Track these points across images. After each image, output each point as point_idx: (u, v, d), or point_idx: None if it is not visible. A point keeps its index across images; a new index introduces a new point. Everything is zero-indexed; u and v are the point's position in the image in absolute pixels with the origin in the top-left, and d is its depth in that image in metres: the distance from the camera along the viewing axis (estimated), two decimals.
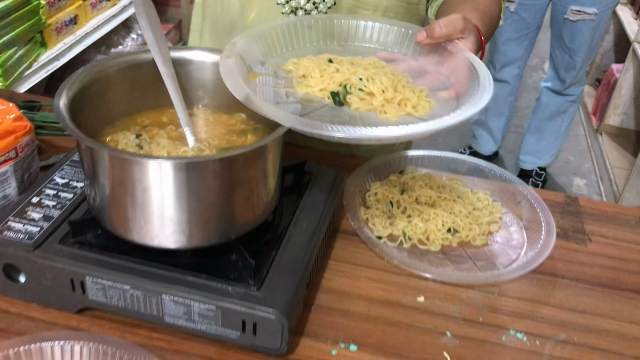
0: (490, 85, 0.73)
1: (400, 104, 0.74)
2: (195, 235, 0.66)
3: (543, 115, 2.45)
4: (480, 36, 0.84)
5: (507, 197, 0.97)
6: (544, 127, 2.46)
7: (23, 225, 0.71)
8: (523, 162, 2.60)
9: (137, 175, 0.61)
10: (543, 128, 2.47)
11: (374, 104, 0.73)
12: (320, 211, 0.79)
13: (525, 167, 2.60)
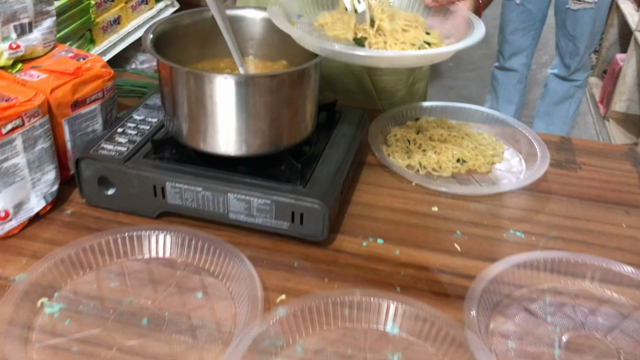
0: (482, 29, 0.89)
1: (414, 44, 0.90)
2: (252, 144, 0.84)
3: (551, 101, 2.61)
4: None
5: (509, 136, 1.13)
6: (552, 111, 2.61)
7: (113, 146, 0.89)
8: None
9: (207, 90, 0.78)
10: (552, 113, 2.62)
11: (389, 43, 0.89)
12: (350, 138, 0.96)
13: None
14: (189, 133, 0.85)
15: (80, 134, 0.93)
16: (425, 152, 1.06)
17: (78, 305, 0.76)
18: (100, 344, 0.71)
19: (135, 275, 0.80)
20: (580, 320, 0.77)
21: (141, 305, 0.76)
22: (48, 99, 0.86)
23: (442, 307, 0.77)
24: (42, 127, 0.85)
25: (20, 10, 0.90)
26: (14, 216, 0.85)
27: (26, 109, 0.82)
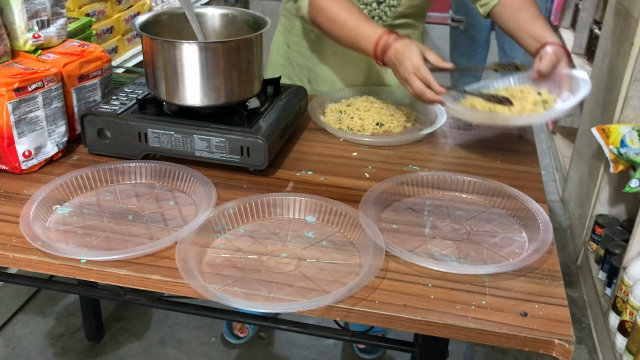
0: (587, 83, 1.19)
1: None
2: (211, 97, 1.14)
3: None
4: (562, 47, 1.25)
5: (426, 111, 1.42)
6: None
7: (109, 107, 1.19)
8: None
9: (177, 54, 1.09)
10: None
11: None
12: (289, 102, 1.26)
13: None
14: (166, 90, 1.15)
15: (84, 101, 1.24)
16: (353, 119, 1.36)
17: (82, 209, 1.04)
18: (97, 229, 0.99)
19: (124, 192, 1.09)
20: (448, 213, 1.06)
21: (127, 209, 1.05)
22: (61, 71, 1.17)
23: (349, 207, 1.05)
24: (56, 90, 1.15)
25: (41, 10, 1.22)
26: (35, 156, 1.14)
27: (45, 75, 1.12)
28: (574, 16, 3.34)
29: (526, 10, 1.36)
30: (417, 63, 1.17)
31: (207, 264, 0.92)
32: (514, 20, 1.38)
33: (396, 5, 1.42)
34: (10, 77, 1.09)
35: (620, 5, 2.19)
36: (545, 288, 0.89)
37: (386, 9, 1.42)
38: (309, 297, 0.85)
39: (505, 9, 1.39)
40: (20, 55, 1.21)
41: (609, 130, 2.02)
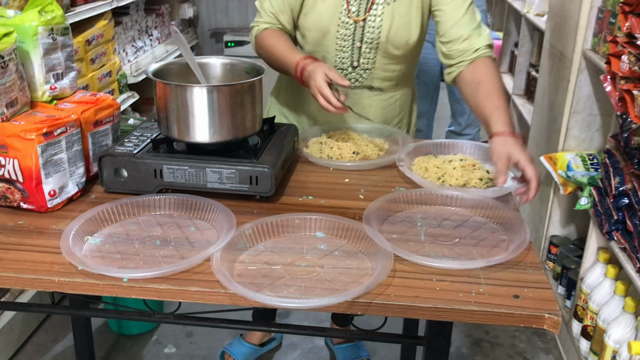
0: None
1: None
2: (220, 134, 1.27)
3: None
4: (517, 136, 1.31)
5: (393, 140, 1.60)
6: None
7: (124, 148, 1.30)
8: None
9: (189, 96, 1.23)
10: None
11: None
12: (286, 138, 1.41)
13: None
14: (178, 129, 1.28)
15: (98, 145, 1.35)
16: (332, 148, 1.51)
17: (112, 238, 1.15)
18: (130, 254, 1.09)
19: (146, 222, 1.20)
20: (439, 223, 1.22)
21: (154, 235, 1.16)
22: (79, 117, 1.28)
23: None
24: (77, 135, 1.26)
25: (57, 64, 1.34)
26: (58, 195, 1.24)
27: (68, 121, 1.24)
28: (511, 61, 3.67)
29: (483, 87, 1.43)
30: (319, 83, 1.37)
31: (238, 276, 1.04)
32: (471, 97, 1.47)
33: (370, 69, 1.60)
34: (39, 123, 1.19)
35: (554, 49, 2.47)
36: (530, 276, 1.05)
37: (361, 72, 1.60)
38: (333, 295, 0.98)
39: (466, 83, 1.49)
40: (39, 105, 1.31)
41: (556, 157, 2.25)
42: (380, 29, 1.54)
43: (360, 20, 1.54)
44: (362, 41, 1.56)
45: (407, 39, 1.56)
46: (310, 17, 1.56)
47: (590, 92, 2.21)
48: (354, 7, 1.54)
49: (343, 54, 1.58)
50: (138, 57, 3.25)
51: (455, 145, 1.54)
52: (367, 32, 1.55)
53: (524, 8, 3.17)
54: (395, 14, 1.53)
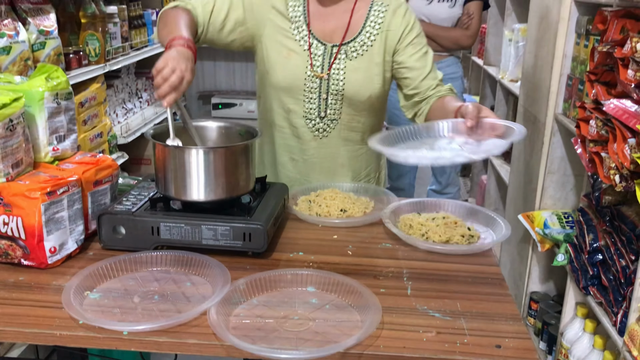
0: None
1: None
2: (215, 192, 1.34)
3: None
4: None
5: (379, 200, 1.68)
6: None
7: (123, 207, 1.36)
8: None
9: (186, 158, 1.30)
10: None
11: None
12: (277, 196, 1.48)
13: None
14: (175, 188, 1.34)
15: (97, 203, 1.40)
16: (320, 206, 1.59)
17: (111, 293, 1.19)
18: (129, 308, 1.14)
19: (144, 278, 1.25)
20: (424, 277, 1.28)
21: (151, 290, 1.20)
22: (81, 177, 1.34)
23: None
24: (78, 194, 1.32)
25: (60, 127, 1.41)
26: (58, 252, 1.28)
27: (70, 181, 1.30)
28: None
29: (448, 102, 1.59)
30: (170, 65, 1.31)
31: (233, 329, 1.08)
32: (439, 112, 1.59)
33: (337, 119, 1.70)
34: (42, 182, 1.25)
35: (528, 113, 2.61)
36: (511, 327, 1.11)
37: (328, 122, 1.71)
38: (325, 347, 1.03)
39: (435, 110, 1.64)
40: (42, 166, 1.38)
41: (533, 216, 2.35)
42: (344, 81, 1.66)
43: (323, 75, 1.66)
44: (327, 93, 1.68)
45: (369, 92, 1.68)
46: (279, 74, 1.67)
47: (564, 154, 2.33)
48: (317, 63, 1.66)
49: (310, 105, 1.69)
50: (128, 119, 3.34)
51: (438, 204, 1.62)
52: (332, 85, 1.67)
53: (499, 74, 3.34)
54: (356, 69, 1.66)
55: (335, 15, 1.67)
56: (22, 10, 2.31)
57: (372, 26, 1.67)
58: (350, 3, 1.68)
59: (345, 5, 1.67)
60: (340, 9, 1.67)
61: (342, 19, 1.67)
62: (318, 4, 1.68)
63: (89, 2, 2.82)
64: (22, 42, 2.22)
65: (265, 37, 1.67)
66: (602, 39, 1.74)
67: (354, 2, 1.68)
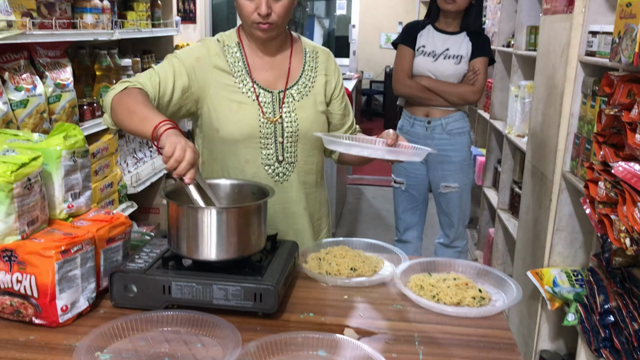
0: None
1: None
2: (228, 252, 1.35)
3: None
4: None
5: (389, 258, 1.68)
6: None
7: (135, 265, 1.37)
8: None
9: (200, 217, 1.32)
10: None
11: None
12: (287, 255, 1.49)
13: None
14: (187, 247, 1.35)
15: (109, 261, 1.41)
16: (331, 265, 1.59)
17: (121, 354, 1.18)
18: None
19: (154, 338, 1.24)
20: (435, 341, 1.27)
21: (162, 352, 1.20)
22: (94, 235, 1.36)
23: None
24: (91, 252, 1.33)
25: (75, 184, 1.43)
26: (70, 310, 1.28)
27: (84, 239, 1.31)
28: (495, 177, 3.84)
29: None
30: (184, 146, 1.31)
31: None
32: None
33: (294, 162, 1.75)
34: (57, 241, 1.27)
35: (536, 169, 2.63)
36: None
37: (287, 165, 1.75)
38: None
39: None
40: (56, 223, 1.39)
41: (542, 273, 2.34)
42: (297, 121, 1.74)
43: (276, 120, 1.72)
44: (283, 136, 1.73)
45: (320, 128, 1.79)
46: (232, 127, 1.69)
47: (572, 211, 2.33)
48: (268, 110, 1.72)
49: (268, 150, 1.73)
50: (138, 168, 3.38)
51: (449, 264, 1.62)
52: (287, 127, 1.73)
53: (505, 129, 3.38)
54: (304, 107, 1.76)
55: (275, 65, 1.77)
56: (40, 64, 2.37)
57: (310, 70, 1.79)
58: (287, 52, 1.79)
59: (281, 54, 1.78)
60: (278, 59, 1.77)
61: (281, 67, 1.77)
62: (256, 57, 1.75)
63: (104, 55, 2.90)
64: (39, 95, 2.27)
65: (211, 97, 1.70)
66: (609, 101, 1.77)
67: (290, 50, 1.79)
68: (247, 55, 1.75)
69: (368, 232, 4.78)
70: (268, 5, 1.59)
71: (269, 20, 1.62)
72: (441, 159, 3.00)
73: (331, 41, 10.81)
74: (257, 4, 1.60)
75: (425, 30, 3.00)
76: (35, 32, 2.27)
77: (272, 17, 1.62)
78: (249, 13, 1.62)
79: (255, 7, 1.60)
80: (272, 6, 1.60)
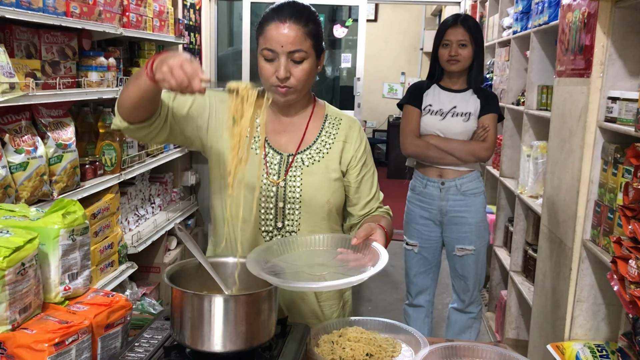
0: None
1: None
2: (235, 343, 1.24)
3: (454, 331, 3.09)
4: (384, 230, 1.52)
5: (410, 340, 1.57)
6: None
7: (134, 355, 1.26)
8: None
9: (206, 305, 1.21)
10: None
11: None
12: (298, 344, 1.38)
13: None
14: (191, 338, 1.24)
15: (107, 349, 1.30)
16: (345, 349, 1.47)
17: None
18: None
19: None
20: None
21: None
22: (92, 322, 1.25)
23: None
24: (87, 341, 1.23)
25: (73, 264, 1.33)
26: None
27: (80, 328, 1.21)
28: (506, 236, 3.74)
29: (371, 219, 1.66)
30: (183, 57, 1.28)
31: None
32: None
33: (295, 231, 1.64)
34: (51, 332, 1.16)
35: (553, 235, 2.53)
36: None
37: (286, 234, 1.64)
38: None
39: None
40: (51, 307, 1.29)
41: (563, 347, 2.21)
42: (301, 187, 1.63)
43: (280, 182, 1.63)
44: (284, 201, 1.63)
45: (327, 196, 1.66)
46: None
47: (593, 282, 2.23)
48: (273, 171, 1.64)
49: (267, 215, 1.63)
50: (140, 225, 3.28)
51: (471, 350, 1.50)
52: (289, 192, 1.63)
53: (517, 188, 3.30)
54: (313, 173, 1.65)
55: (291, 128, 1.69)
56: (42, 125, 2.31)
57: (327, 136, 1.70)
58: (306, 116, 1.71)
59: (299, 117, 1.70)
60: (295, 121, 1.70)
61: (297, 130, 1.69)
62: (273, 117, 1.69)
63: (107, 113, 2.84)
64: (40, 157, 2.20)
65: (223, 142, 1.64)
66: (635, 173, 1.68)
67: (309, 116, 1.71)
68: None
69: (375, 289, 4.64)
70: (287, 69, 1.53)
71: (287, 84, 1.56)
72: (456, 221, 2.90)
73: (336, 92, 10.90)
74: (276, 67, 1.54)
75: (431, 89, 2.95)
76: (39, 93, 2.21)
77: (291, 81, 1.56)
78: (268, 75, 1.56)
79: (274, 70, 1.54)
80: (291, 70, 1.54)
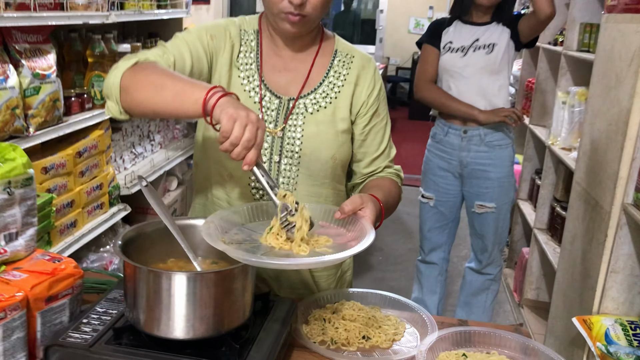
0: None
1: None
2: (198, 329, 1.02)
3: (469, 292, 2.88)
4: (379, 202, 1.27)
5: (416, 320, 1.34)
6: (471, 302, 2.87)
7: (79, 335, 1.05)
8: None
9: (165, 284, 0.98)
10: (471, 303, 2.87)
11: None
12: (281, 324, 1.15)
13: None
14: (146, 321, 1.02)
15: (49, 325, 1.09)
16: (338, 330, 1.25)
17: None
18: None
19: None
20: None
21: None
22: (27, 295, 1.03)
23: None
24: (19, 319, 1.01)
25: (11, 222, 1.10)
26: None
27: (9, 304, 0.99)
28: (531, 189, 3.46)
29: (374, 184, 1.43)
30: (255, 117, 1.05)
31: None
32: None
33: (291, 191, 1.39)
34: None
35: (587, 195, 2.25)
36: None
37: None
38: None
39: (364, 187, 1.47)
40: None
41: (591, 321, 1.97)
42: (302, 139, 1.38)
43: (277, 132, 1.37)
44: (280, 155, 1.38)
45: (332, 151, 1.39)
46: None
47: (632, 251, 1.96)
48: (270, 119, 1.38)
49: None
50: (136, 164, 3.06)
51: (488, 337, 1.27)
52: (287, 144, 1.38)
53: (549, 139, 2.99)
54: (317, 122, 1.38)
55: (293, 65, 1.42)
56: (15, 51, 2.04)
57: (336, 77, 1.42)
58: (312, 52, 1.42)
59: (304, 54, 1.42)
60: (299, 58, 1.42)
61: (300, 69, 1.42)
62: (273, 53, 1.41)
63: (97, 41, 2.57)
64: (11, 87, 1.95)
65: (214, 81, 1.38)
66: None
67: (315, 53, 1.42)
68: (262, 48, 1.41)
69: (387, 238, 4.43)
70: None
71: (302, 11, 1.27)
72: (478, 174, 2.62)
73: (356, 25, 10.36)
74: None
75: (452, 26, 2.64)
76: (10, 14, 1.94)
77: (307, 8, 1.27)
78: (277, 0, 1.28)
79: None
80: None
